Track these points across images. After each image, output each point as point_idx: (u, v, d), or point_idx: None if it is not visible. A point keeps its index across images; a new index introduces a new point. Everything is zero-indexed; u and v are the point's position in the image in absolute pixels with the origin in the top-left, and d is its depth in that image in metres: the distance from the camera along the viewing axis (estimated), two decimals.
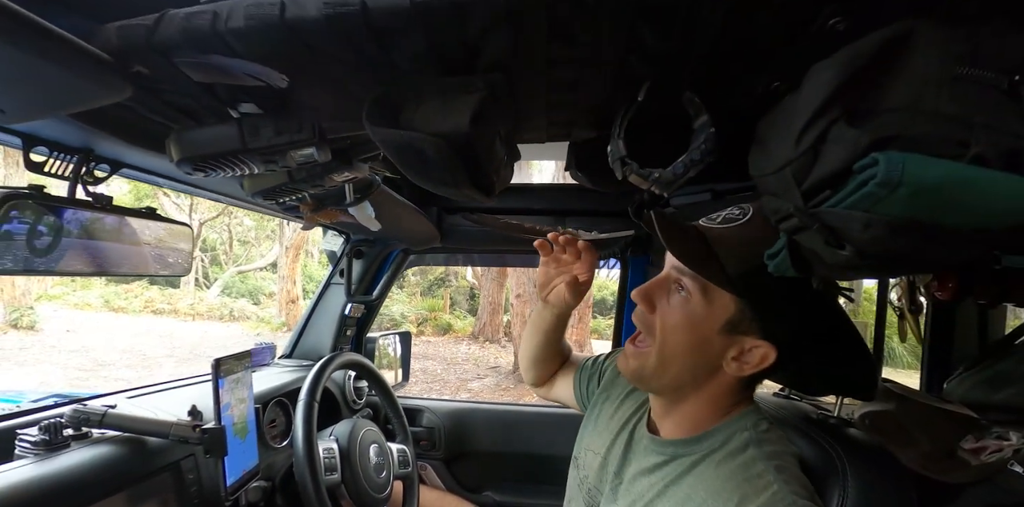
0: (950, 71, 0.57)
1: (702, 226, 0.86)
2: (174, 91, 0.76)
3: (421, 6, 0.53)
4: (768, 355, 0.83)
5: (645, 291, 0.89)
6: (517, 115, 0.79)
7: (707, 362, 0.86)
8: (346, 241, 2.08)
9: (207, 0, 0.64)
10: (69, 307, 14.94)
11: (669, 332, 0.86)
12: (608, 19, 0.57)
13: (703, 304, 0.83)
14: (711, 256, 0.82)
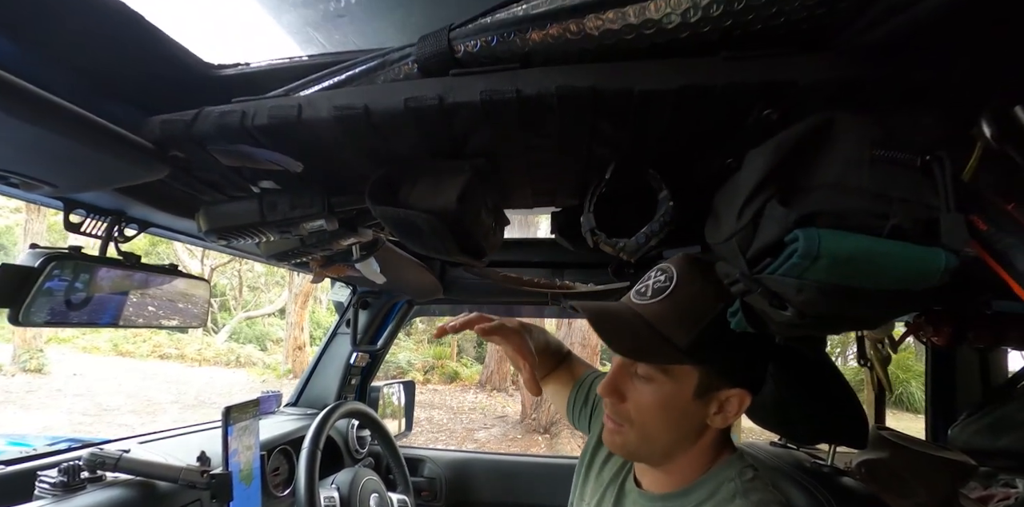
0: (868, 153, 0.68)
1: (636, 305, 0.90)
2: (203, 170, 0.88)
3: (414, 111, 0.65)
4: (744, 399, 0.87)
5: (611, 385, 0.90)
6: (503, 189, 0.90)
7: (692, 427, 0.89)
8: (353, 292, 2.18)
9: (237, 100, 0.76)
10: (78, 350, 15.00)
11: (646, 416, 0.88)
12: (570, 116, 0.68)
13: (668, 382, 0.86)
14: (657, 338, 0.85)
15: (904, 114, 0.76)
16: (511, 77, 0.63)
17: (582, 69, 0.63)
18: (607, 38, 0.62)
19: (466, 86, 0.63)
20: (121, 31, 0.77)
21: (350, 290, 2.19)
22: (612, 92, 0.63)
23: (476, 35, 0.64)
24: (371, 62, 0.71)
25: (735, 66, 0.65)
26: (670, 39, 0.63)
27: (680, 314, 0.86)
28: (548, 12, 0.60)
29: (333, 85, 0.73)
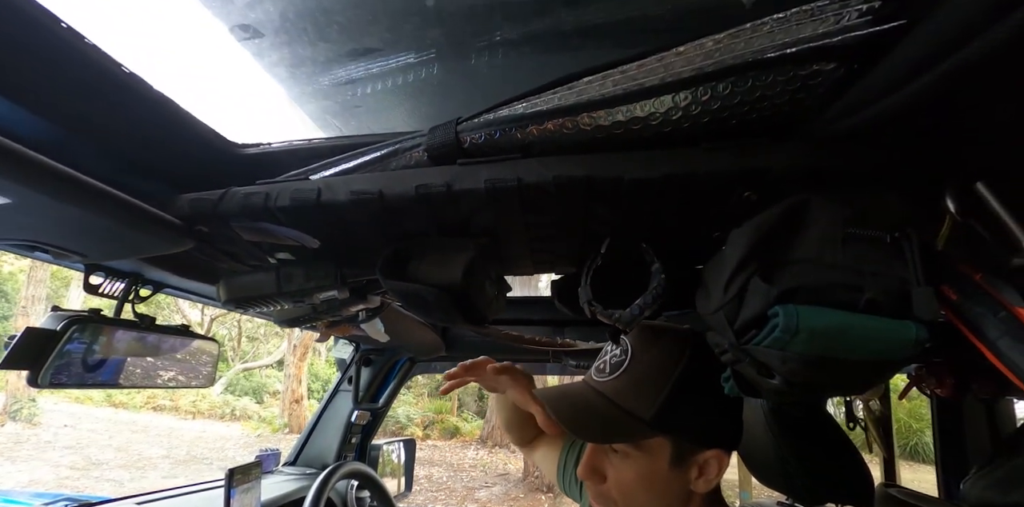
0: (841, 231, 0.74)
1: (597, 383, 0.92)
2: (225, 242, 0.94)
3: (424, 196, 0.71)
4: (723, 459, 0.88)
5: (588, 467, 0.90)
6: (504, 260, 0.96)
7: (676, 496, 0.89)
8: (356, 350, 2.20)
9: (261, 181, 0.83)
10: (71, 400, 14.73)
11: (628, 494, 0.88)
12: (567, 200, 0.74)
13: (643, 456, 0.86)
14: (622, 415, 0.86)
15: (873, 194, 0.82)
16: (513, 166, 0.70)
17: (577, 159, 0.70)
18: (599, 132, 0.69)
19: (472, 174, 0.70)
20: (155, 115, 0.84)
21: (353, 347, 2.22)
22: (604, 180, 0.69)
23: (481, 129, 0.71)
24: (385, 149, 0.78)
25: (714, 156, 0.72)
26: (655, 133, 0.70)
27: (639, 386, 0.88)
28: (546, 111, 0.68)
29: (350, 169, 0.80)
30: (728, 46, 0.66)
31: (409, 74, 0.79)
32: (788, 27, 0.66)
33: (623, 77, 0.66)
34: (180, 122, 0.88)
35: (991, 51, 0.50)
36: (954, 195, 0.74)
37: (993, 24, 0.47)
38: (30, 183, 0.68)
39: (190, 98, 0.87)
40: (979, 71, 0.54)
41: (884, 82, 0.64)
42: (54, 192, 0.71)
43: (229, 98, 0.96)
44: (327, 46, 0.77)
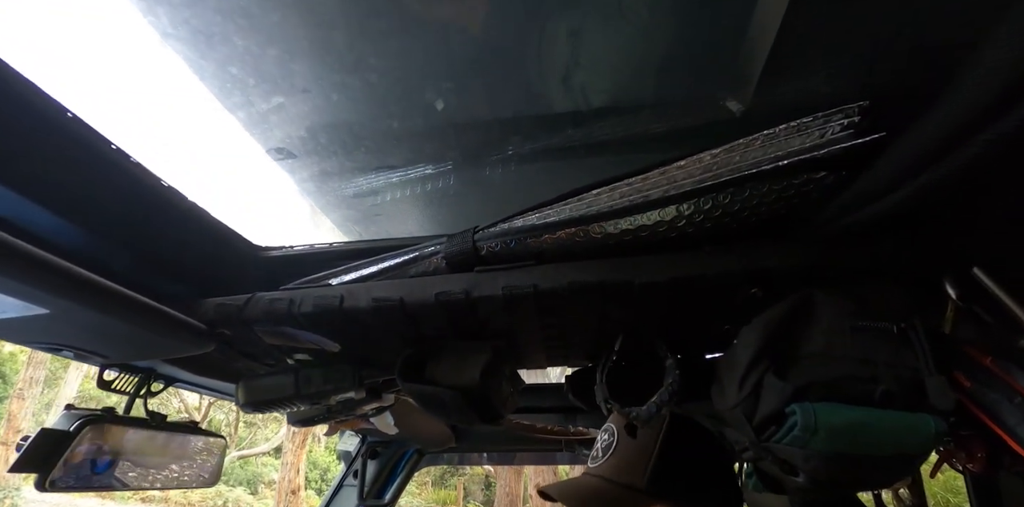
0: (848, 324, 0.76)
1: (594, 469, 0.93)
2: (245, 344, 0.96)
3: (443, 303, 0.74)
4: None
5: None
6: (519, 357, 0.97)
7: None
8: (362, 442, 2.14)
9: (285, 287, 0.87)
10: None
11: None
12: (581, 304, 0.77)
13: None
14: (619, 490, 0.87)
15: (875, 287, 0.85)
16: (528, 274, 0.73)
17: (589, 265, 0.74)
18: (609, 239, 0.74)
19: (489, 282, 0.74)
20: (187, 222, 0.89)
21: (359, 439, 2.16)
22: (616, 285, 0.73)
23: (497, 238, 0.76)
24: (404, 256, 0.82)
25: (718, 258, 0.76)
26: (662, 238, 0.74)
27: (629, 461, 0.89)
28: (559, 221, 0.73)
29: (371, 275, 0.84)
30: (724, 160, 0.72)
31: (427, 184, 0.84)
32: (778, 141, 0.72)
33: (629, 189, 0.72)
34: (209, 228, 0.93)
35: (971, 162, 0.54)
36: (953, 281, 0.76)
37: (970, 139, 0.52)
38: (68, 295, 0.72)
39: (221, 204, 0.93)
40: (960, 179, 0.58)
41: (872, 188, 0.69)
42: (90, 303, 0.75)
43: (258, 204, 1.02)
44: (353, 164, 0.83)
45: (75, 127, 0.72)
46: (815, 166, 0.70)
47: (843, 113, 0.71)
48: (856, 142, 0.69)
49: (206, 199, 0.90)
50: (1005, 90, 0.45)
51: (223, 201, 0.94)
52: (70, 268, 0.69)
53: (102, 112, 0.69)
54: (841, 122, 0.71)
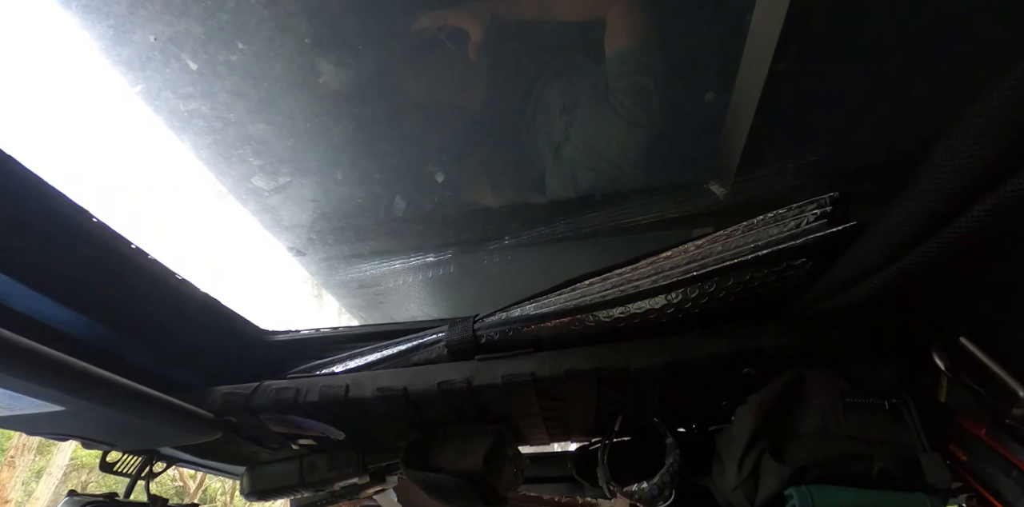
0: (841, 402, 0.78)
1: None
2: (250, 430, 0.97)
3: (445, 391, 0.77)
4: None
5: None
6: (522, 436, 0.99)
7: None
8: None
9: (292, 374, 0.89)
10: None
11: None
12: (579, 389, 0.80)
13: None
14: None
15: (865, 363, 0.87)
16: (527, 361, 0.76)
17: (585, 352, 0.77)
18: (603, 327, 0.77)
19: (490, 370, 0.76)
20: (199, 312, 0.93)
21: None
22: (611, 370, 0.76)
23: (496, 327, 0.79)
24: (407, 343, 0.85)
25: (709, 340, 0.79)
26: (654, 324, 0.78)
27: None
28: (554, 312, 0.76)
29: (375, 362, 0.87)
30: (708, 250, 0.76)
31: (428, 271, 0.88)
32: (756, 231, 0.77)
33: (620, 279, 0.76)
34: (219, 316, 0.96)
35: (939, 251, 0.57)
36: (940, 352, 0.78)
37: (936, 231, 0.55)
38: (84, 394, 0.74)
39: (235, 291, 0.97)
40: (932, 265, 0.61)
41: (848, 275, 0.73)
42: (104, 401, 0.77)
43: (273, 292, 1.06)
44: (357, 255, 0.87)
45: (98, 231, 0.77)
46: (793, 254, 0.74)
47: (816, 204, 0.76)
48: (830, 231, 0.73)
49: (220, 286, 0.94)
50: (971, 183, 0.48)
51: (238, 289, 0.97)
52: (86, 369, 0.72)
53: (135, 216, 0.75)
54: (815, 212, 0.76)
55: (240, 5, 0.61)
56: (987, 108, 0.45)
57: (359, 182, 0.69)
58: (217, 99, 0.66)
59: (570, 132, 1.13)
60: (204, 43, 0.65)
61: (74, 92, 0.78)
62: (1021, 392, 0.70)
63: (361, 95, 0.68)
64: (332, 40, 0.66)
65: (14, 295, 0.75)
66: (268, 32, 0.64)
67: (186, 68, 0.66)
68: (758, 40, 0.89)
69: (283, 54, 0.67)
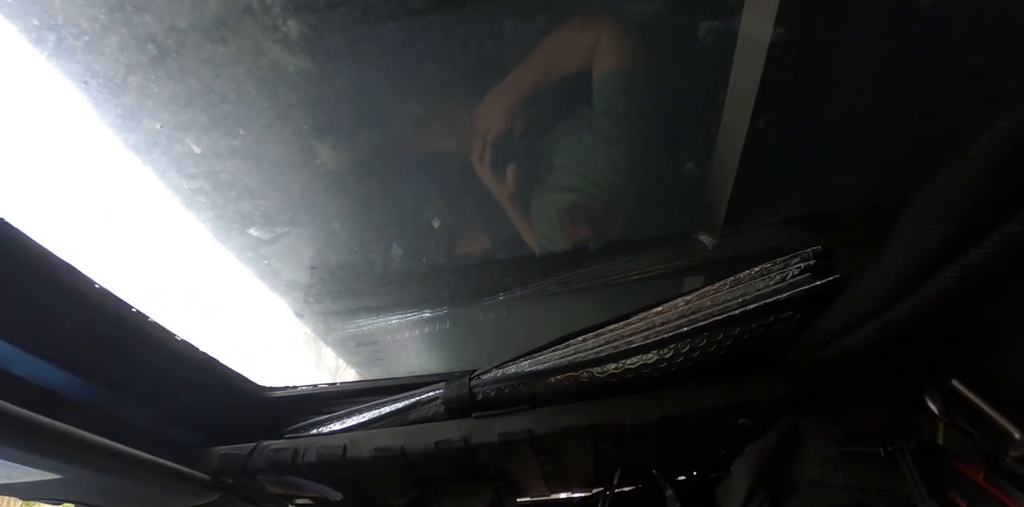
0: (837, 450, 0.78)
1: None
2: (247, 491, 0.96)
3: (443, 450, 0.77)
4: None
5: None
6: (520, 491, 0.98)
7: None
8: None
9: (289, 434, 0.89)
10: None
11: None
12: (576, 444, 0.80)
13: None
14: None
15: (858, 410, 0.88)
16: (523, 419, 0.77)
17: (581, 408, 0.78)
18: (598, 382, 0.78)
19: (487, 428, 0.77)
20: (198, 372, 0.93)
21: None
22: (608, 426, 0.76)
23: (493, 384, 0.80)
24: (405, 400, 0.86)
25: (703, 393, 0.80)
26: (648, 378, 0.79)
27: None
28: (549, 368, 0.78)
29: (373, 420, 0.87)
30: (697, 305, 0.78)
31: (424, 327, 0.90)
32: (743, 285, 0.79)
33: (613, 335, 0.77)
34: (218, 375, 0.97)
35: (916, 308, 0.58)
36: (933, 396, 0.78)
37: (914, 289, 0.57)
38: (81, 463, 0.74)
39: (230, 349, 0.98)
40: (915, 318, 0.62)
41: (833, 328, 0.74)
42: (101, 468, 0.77)
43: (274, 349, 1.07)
44: (355, 313, 0.89)
45: (100, 297, 0.79)
46: (780, 308, 0.76)
47: (800, 257, 0.79)
48: (814, 284, 0.75)
49: (223, 342, 0.95)
50: (945, 241, 0.49)
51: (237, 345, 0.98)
52: (83, 437, 0.72)
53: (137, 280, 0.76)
54: (799, 265, 0.79)
55: (242, 96, 0.65)
56: (950, 178, 0.48)
57: (355, 249, 0.71)
58: (219, 179, 0.69)
59: (554, 158, 1.17)
60: (207, 130, 0.69)
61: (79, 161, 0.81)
62: (1016, 434, 0.70)
63: (357, 174, 0.71)
64: (328, 126, 0.70)
65: (13, 360, 0.76)
66: (268, 120, 0.68)
67: (190, 152, 0.70)
68: (737, 100, 0.94)
69: (282, 139, 0.70)
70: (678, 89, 1.09)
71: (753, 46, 0.91)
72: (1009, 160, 0.41)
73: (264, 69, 0.66)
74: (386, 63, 0.70)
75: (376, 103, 0.70)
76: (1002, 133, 0.40)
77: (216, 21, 0.64)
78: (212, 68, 0.65)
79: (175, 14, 0.64)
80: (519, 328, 0.91)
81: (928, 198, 0.51)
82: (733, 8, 0.92)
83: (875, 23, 0.83)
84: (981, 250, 0.49)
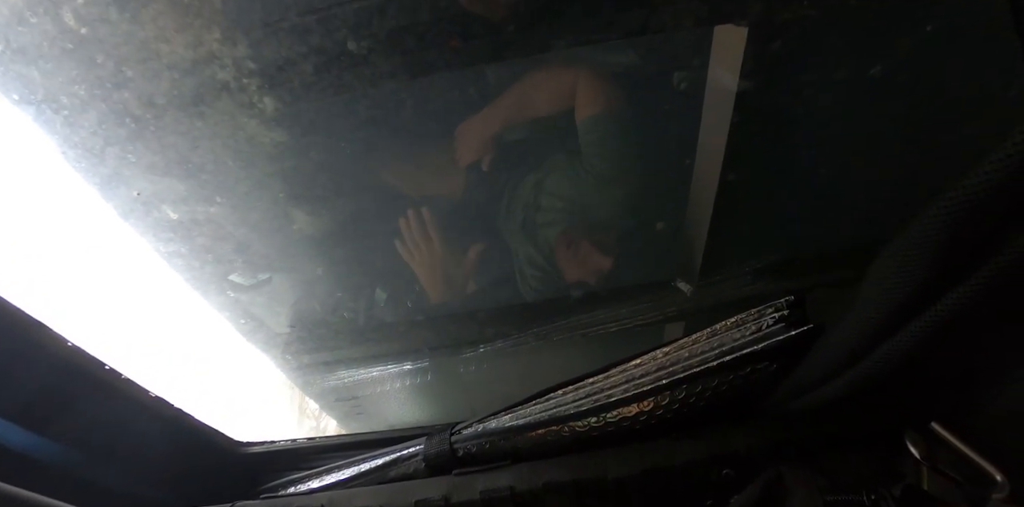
0: (821, 499, 0.78)
1: None
2: None
3: None
4: None
5: None
6: None
7: None
8: None
9: (265, 495, 0.87)
10: None
11: None
12: (558, 497, 0.79)
13: None
14: None
15: (840, 457, 0.88)
16: (505, 475, 0.76)
17: (563, 462, 0.77)
18: (579, 436, 0.78)
19: (467, 486, 0.76)
20: (172, 430, 0.91)
21: None
22: (589, 481, 0.75)
23: (473, 439, 0.79)
24: (385, 457, 0.85)
25: (684, 445, 0.80)
26: (628, 431, 0.79)
27: None
28: (530, 423, 0.77)
29: (351, 478, 0.85)
30: (676, 357, 0.79)
31: (406, 379, 0.89)
32: (720, 336, 0.80)
33: (593, 389, 0.77)
34: (193, 432, 0.95)
35: (888, 359, 0.59)
36: (914, 440, 0.79)
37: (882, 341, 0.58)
38: None
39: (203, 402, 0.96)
40: (887, 372, 0.63)
41: (813, 375, 0.75)
42: None
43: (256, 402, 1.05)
44: (335, 365, 0.88)
45: (71, 355, 0.77)
46: (756, 359, 0.77)
47: (774, 307, 0.80)
48: (789, 334, 0.76)
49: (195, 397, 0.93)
50: (904, 303, 0.51)
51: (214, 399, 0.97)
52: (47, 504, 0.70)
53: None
54: (773, 316, 0.80)
55: (219, 167, 0.67)
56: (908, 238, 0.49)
57: (334, 309, 0.72)
58: (195, 243, 0.70)
59: (540, 200, 1.20)
60: (185, 198, 0.70)
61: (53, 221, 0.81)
62: (999, 476, 0.71)
63: (333, 239, 0.72)
64: (305, 194, 0.71)
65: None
66: (245, 188, 0.70)
67: (167, 218, 0.71)
68: (707, 148, 0.97)
69: (259, 206, 0.71)
70: (655, 136, 1.12)
71: (721, 98, 0.94)
72: (963, 221, 0.43)
73: (241, 142, 0.67)
74: (360, 136, 0.72)
75: (351, 173, 0.71)
76: (956, 196, 0.41)
77: (194, 98, 0.66)
78: (190, 141, 0.67)
79: (153, 91, 0.66)
80: (500, 380, 0.91)
81: (889, 257, 0.52)
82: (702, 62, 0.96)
83: (831, 88, 0.88)
84: (944, 304, 0.50)
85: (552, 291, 0.98)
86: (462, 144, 1.19)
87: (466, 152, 1.19)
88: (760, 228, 1.02)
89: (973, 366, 0.69)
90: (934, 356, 0.62)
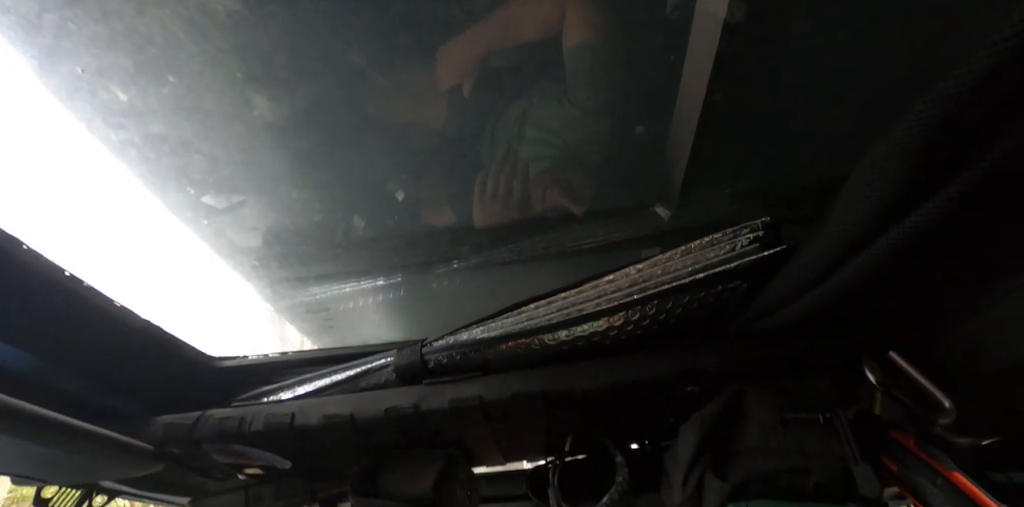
0: (779, 417, 0.81)
1: None
2: (194, 461, 0.94)
3: (392, 418, 0.77)
4: None
5: None
6: (474, 458, 0.98)
7: None
8: None
9: (236, 402, 0.88)
10: None
11: None
12: (526, 411, 0.81)
13: None
14: None
15: (800, 378, 0.91)
16: (474, 385, 0.77)
17: (532, 375, 0.78)
18: (548, 349, 0.79)
19: (437, 394, 0.77)
20: (140, 340, 0.90)
21: None
22: (558, 393, 0.77)
23: (444, 351, 0.80)
24: (355, 369, 0.85)
25: (652, 361, 0.81)
26: (598, 346, 0.80)
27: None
28: (501, 335, 0.77)
29: (322, 388, 0.86)
30: (648, 274, 0.79)
31: (378, 295, 0.89)
32: (693, 255, 0.80)
33: (564, 303, 0.77)
34: (163, 344, 0.94)
35: (856, 274, 0.60)
36: (872, 366, 0.82)
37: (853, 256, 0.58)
38: (7, 430, 0.71)
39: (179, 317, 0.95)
40: (853, 288, 0.64)
41: (778, 296, 0.76)
42: (31, 436, 0.73)
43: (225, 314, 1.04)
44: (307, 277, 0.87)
45: (29, 259, 0.75)
46: (728, 277, 0.77)
47: (749, 228, 0.80)
48: (762, 254, 0.77)
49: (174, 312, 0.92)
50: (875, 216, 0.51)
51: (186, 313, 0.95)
52: (14, 405, 0.69)
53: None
54: (748, 236, 0.80)
55: (168, 40, 0.61)
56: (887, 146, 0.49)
57: (300, 211, 0.69)
58: (149, 130, 0.65)
59: (524, 130, 1.17)
60: (133, 76, 0.65)
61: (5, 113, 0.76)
62: (946, 403, 0.74)
63: (296, 128, 0.68)
64: (264, 75, 0.67)
65: None
66: (198, 66, 0.65)
67: (116, 99, 0.66)
68: (693, 72, 0.93)
69: (215, 88, 0.67)
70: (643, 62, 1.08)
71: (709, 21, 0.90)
72: (942, 126, 0.42)
73: (191, 9, 0.62)
74: (324, 7, 0.67)
75: (314, 52, 0.67)
76: (933, 100, 0.40)
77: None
78: (135, 6, 0.61)
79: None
80: (473, 297, 0.91)
81: (867, 166, 0.52)
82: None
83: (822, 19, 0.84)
84: (917, 217, 0.50)
85: None
86: (443, 66, 1.14)
87: (446, 75, 1.15)
88: (739, 155, 1.01)
89: (934, 298, 0.71)
90: (899, 276, 0.63)
